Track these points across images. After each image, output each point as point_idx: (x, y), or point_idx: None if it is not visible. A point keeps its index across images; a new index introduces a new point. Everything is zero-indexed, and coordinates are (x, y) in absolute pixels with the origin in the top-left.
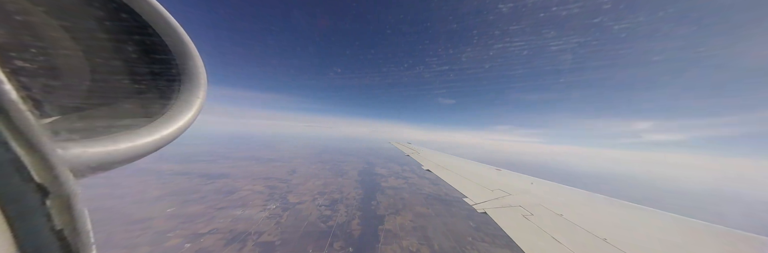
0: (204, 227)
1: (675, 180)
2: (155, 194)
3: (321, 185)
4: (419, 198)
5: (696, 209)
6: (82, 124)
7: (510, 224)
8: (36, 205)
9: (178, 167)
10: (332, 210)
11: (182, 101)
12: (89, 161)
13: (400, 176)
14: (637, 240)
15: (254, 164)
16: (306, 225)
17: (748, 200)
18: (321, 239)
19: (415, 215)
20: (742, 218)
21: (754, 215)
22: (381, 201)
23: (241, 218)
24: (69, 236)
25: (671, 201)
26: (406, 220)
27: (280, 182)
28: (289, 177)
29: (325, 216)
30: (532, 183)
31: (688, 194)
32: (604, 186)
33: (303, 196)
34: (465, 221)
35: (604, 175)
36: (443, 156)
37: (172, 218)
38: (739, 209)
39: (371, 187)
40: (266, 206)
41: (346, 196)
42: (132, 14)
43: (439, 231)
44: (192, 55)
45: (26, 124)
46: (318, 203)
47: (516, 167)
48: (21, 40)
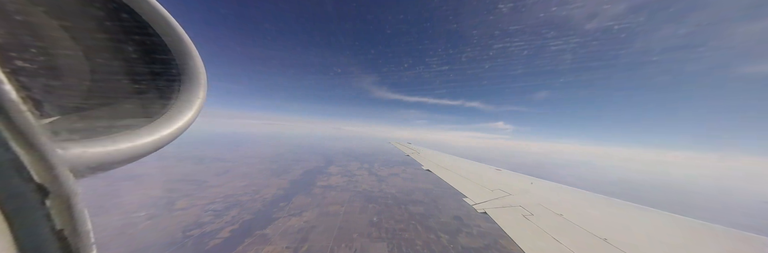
0: None
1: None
2: None
3: (241, 186)
4: (344, 196)
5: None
6: (82, 125)
7: (510, 224)
8: (36, 205)
9: None
10: (217, 216)
11: (182, 101)
12: (89, 161)
13: (351, 174)
14: (637, 240)
15: (188, 165)
16: (156, 236)
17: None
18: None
19: (319, 214)
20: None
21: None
22: (296, 202)
23: None
24: (69, 236)
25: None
26: (302, 221)
27: (189, 185)
28: (212, 178)
29: (197, 223)
30: (532, 183)
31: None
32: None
33: (201, 199)
34: (370, 216)
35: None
36: (443, 156)
37: None
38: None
39: (300, 187)
40: (136, 213)
41: (259, 197)
42: (132, 14)
43: (329, 231)
44: (192, 55)
45: (26, 125)
46: (210, 207)
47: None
48: (21, 40)
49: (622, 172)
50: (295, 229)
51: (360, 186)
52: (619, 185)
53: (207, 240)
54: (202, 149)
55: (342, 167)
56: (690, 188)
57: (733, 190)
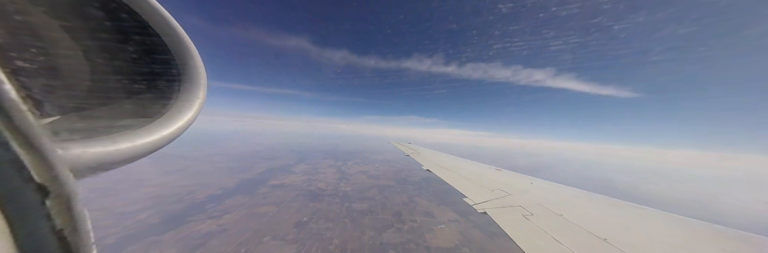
0: None
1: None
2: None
3: (181, 186)
4: (288, 195)
5: None
6: (82, 125)
7: (510, 224)
8: (36, 205)
9: None
10: (119, 219)
11: (182, 101)
12: (89, 161)
13: (315, 172)
14: (637, 240)
15: (143, 161)
16: None
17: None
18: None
19: (245, 216)
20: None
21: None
22: (229, 203)
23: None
24: (69, 236)
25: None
26: (215, 224)
27: (123, 184)
28: (157, 177)
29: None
30: (532, 183)
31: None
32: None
33: (119, 201)
34: (301, 216)
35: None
36: (443, 156)
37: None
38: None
39: (247, 187)
40: None
41: (188, 198)
42: (132, 14)
43: (238, 235)
44: (192, 55)
45: (26, 125)
46: (121, 210)
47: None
48: (21, 40)
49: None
50: (201, 234)
51: (315, 184)
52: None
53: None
54: (178, 146)
55: (311, 166)
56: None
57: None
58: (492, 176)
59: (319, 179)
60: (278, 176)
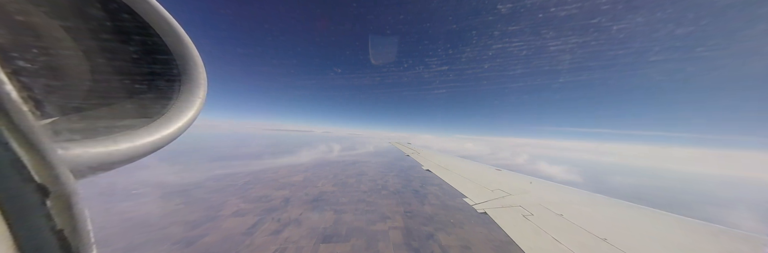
0: None
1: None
2: None
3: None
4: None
5: None
6: (83, 125)
7: (510, 224)
8: (36, 205)
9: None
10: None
11: (182, 101)
12: (89, 161)
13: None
14: (637, 240)
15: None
16: None
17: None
18: None
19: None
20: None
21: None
22: (183, 208)
23: None
24: (69, 236)
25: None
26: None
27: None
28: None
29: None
30: (532, 183)
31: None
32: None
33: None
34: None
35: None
36: (443, 156)
37: None
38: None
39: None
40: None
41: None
42: (132, 14)
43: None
44: (192, 55)
45: (27, 125)
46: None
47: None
48: (22, 40)
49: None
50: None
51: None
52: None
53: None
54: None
55: (288, 170)
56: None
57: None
58: (492, 176)
59: (295, 184)
60: (243, 178)
